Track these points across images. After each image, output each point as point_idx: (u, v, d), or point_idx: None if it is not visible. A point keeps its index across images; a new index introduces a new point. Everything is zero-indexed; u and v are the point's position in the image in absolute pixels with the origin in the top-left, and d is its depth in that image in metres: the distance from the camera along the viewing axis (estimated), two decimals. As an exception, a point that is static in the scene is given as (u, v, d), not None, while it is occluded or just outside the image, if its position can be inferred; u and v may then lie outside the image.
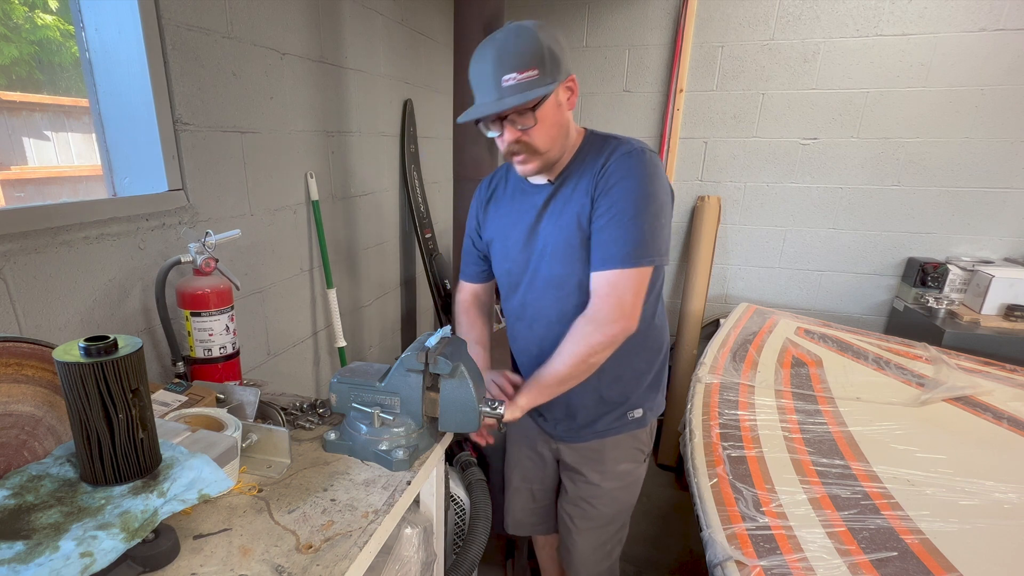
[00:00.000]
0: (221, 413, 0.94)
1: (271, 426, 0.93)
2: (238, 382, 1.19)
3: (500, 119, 1.04)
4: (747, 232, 2.86)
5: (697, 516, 1.22)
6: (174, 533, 0.69)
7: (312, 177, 1.70)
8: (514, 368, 1.38)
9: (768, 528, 1.12)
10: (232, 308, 1.16)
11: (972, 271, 2.40)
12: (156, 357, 1.20)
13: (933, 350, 2.09)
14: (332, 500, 0.83)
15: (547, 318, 1.19)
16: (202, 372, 1.14)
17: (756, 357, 2.02)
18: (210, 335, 1.12)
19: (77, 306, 1.02)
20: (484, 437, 1.19)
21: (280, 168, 1.56)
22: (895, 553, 1.04)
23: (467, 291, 1.40)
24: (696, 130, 2.79)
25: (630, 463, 1.31)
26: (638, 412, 1.27)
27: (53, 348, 0.72)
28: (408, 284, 2.58)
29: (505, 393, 1.17)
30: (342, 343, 1.87)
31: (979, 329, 2.21)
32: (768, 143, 2.70)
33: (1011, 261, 2.51)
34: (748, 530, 1.12)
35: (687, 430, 1.58)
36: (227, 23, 1.31)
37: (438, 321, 2.56)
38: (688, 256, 2.89)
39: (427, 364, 0.93)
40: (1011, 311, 2.26)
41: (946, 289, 2.45)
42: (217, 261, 1.13)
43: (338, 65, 1.80)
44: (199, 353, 1.13)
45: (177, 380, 1.07)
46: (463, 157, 1.90)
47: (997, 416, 1.59)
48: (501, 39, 1.00)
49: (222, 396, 1.04)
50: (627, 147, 1.08)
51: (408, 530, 1.03)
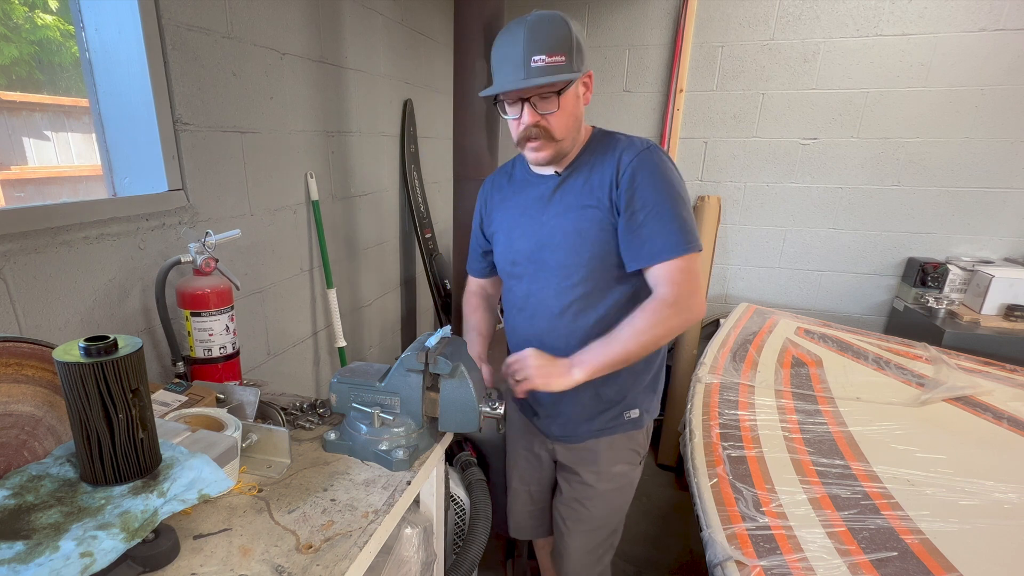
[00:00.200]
0: (221, 413, 0.94)
1: (271, 426, 0.93)
2: (238, 382, 1.19)
3: (522, 100, 1.05)
4: (747, 232, 2.86)
5: (697, 516, 1.22)
6: (174, 533, 0.69)
7: (312, 177, 1.70)
8: None
9: (768, 528, 1.13)
10: (232, 308, 1.16)
11: (972, 271, 2.40)
12: (156, 357, 1.20)
13: (933, 350, 2.09)
14: (332, 500, 0.83)
15: (550, 310, 1.19)
16: (202, 372, 1.14)
17: (756, 357, 2.02)
18: (210, 335, 1.12)
19: (77, 306, 1.02)
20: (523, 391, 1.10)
21: (280, 168, 1.56)
22: (895, 553, 1.05)
23: (475, 284, 1.45)
24: (696, 130, 2.79)
25: (625, 464, 1.31)
26: (635, 412, 1.26)
27: (53, 348, 0.72)
28: (408, 284, 2.58)
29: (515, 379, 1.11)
30: (342, 343, 1.87)
31: (979, 329, 2.21)
32: (768, 143, 2.70)
33: (1011, 261, 2.51)
34: (748, 530, 1.12)
35: (687, 430, 1.58)
36: (227, 23, 1.31)
37: (438, 321, 2.56)
38: (688, 256, 2.89)
39: (427, 364, 0.93)
40: (1011, 311, 2.26)
41: (946, 289, 2.44)
42: (217, 261, 1.13)
43: (338, 65, 1.80)
44: (199, 353, 1.13)
45: (177, 380, 1.07)
46: (463, 157, 1.89)
47: (997, 416, 1.59)
48: (533, 21, 1.02)
49: (222, 396, 1.04)
50: (643, 143, 1.11)
51: (408, 530, 1.03)
